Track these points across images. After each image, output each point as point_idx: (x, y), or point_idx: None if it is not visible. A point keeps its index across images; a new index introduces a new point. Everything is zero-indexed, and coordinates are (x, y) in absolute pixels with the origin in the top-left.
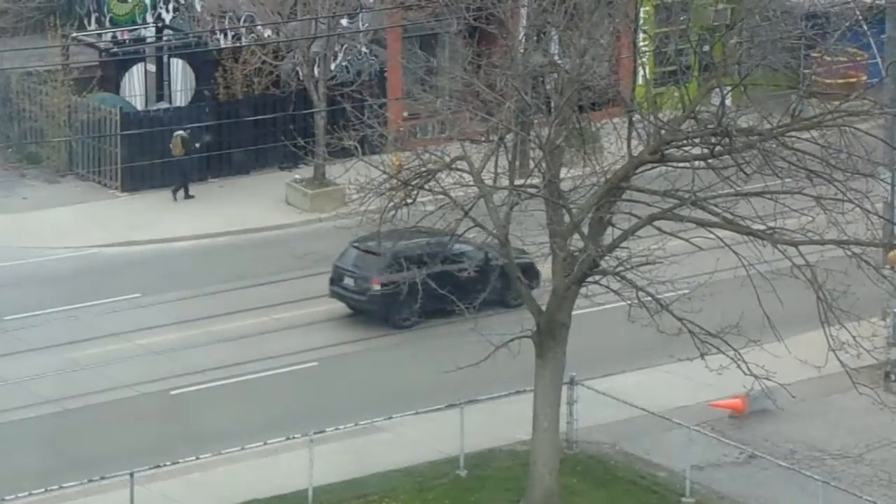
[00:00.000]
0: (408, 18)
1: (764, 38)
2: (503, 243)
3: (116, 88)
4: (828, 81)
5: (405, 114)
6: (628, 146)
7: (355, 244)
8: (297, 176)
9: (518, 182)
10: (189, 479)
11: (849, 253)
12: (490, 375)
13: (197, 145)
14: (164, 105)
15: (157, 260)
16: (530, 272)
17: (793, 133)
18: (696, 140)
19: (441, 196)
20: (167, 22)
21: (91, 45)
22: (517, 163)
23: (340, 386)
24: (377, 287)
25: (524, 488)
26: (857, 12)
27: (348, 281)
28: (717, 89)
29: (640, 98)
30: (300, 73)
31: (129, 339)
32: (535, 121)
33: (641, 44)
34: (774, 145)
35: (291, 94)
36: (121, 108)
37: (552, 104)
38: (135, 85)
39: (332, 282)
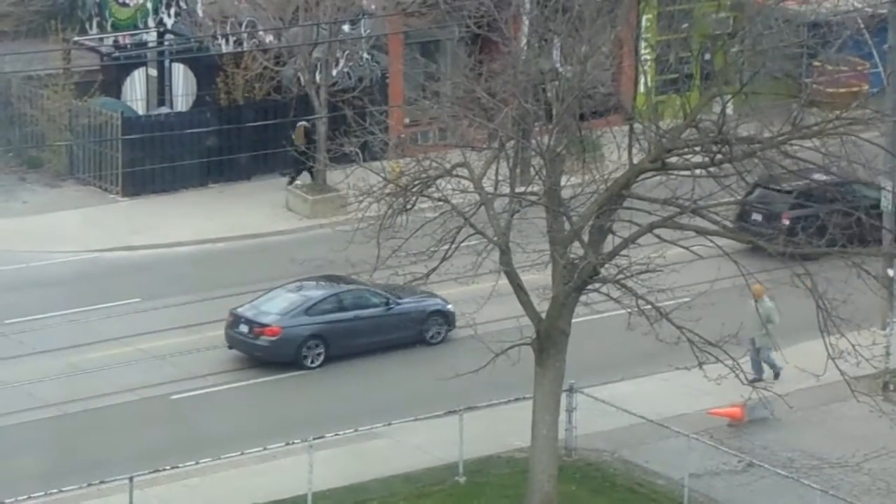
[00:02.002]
0: (409, 25)
1: (765, 46)
2: (504, 251)
3: (118, 93)
4: (829, 90)
5: (406, 120)
6: (629, 154)
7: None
8: (298, 182)
9: (518, 189)
10: (188, 484)
11: (849, 262)
12: (489, 382)
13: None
14: (165, 110)
15: (158, 264)
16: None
17: (794, 142)
18: (697, 148)
19: (441, 203)
20: (169, 27)
21: (92, 49)
22: (518, 170)
23: (340, 392)
24: None
25: (523, 495)
26: (859, 21)
27: None
28: (719, 98)
29: (641, 106)
30: (301, 79)
31: (130, 343)
32: (536, 128)
33: (643, 52)
34: (775, 154)
35: (293, 99)
36: (122, 112)
37: (553, 112)
38: (136, 89)
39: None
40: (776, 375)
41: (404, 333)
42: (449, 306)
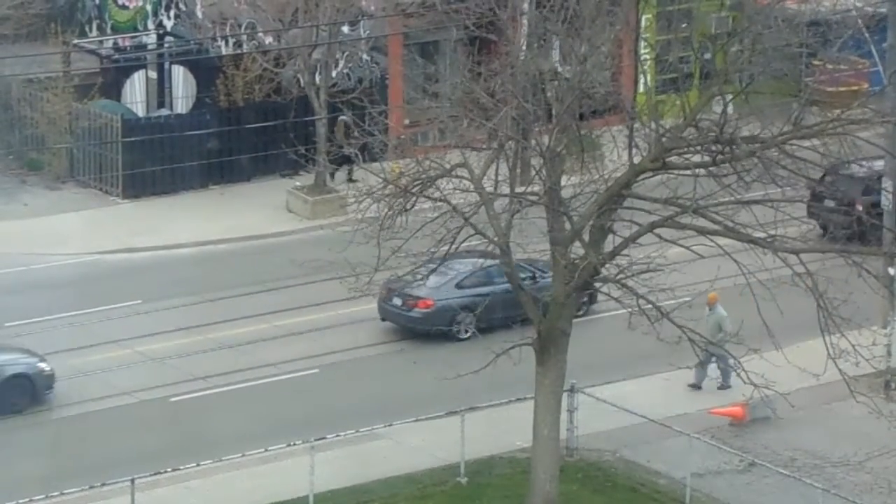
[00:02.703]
0: (409, 26)
1: (765, 45)
2: (504, 251)
3: (118, 95)
4: (829, 90)
5: (406, 121)
6: (629, 154)
7: None
8: (297, 184)
9: (519, 189)
10: (189, 486)
11: (849, 261)
12: (490, 383)
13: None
14: (165, 112)
15: (158, 267)
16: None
17: (794, 141)
18: (698, 148)
19: (441, 203)
20: (168, 29)
21: (92, 51)
22: (518, 170)
23: (341, 393)
24: None
25: (524, 495)
26: (859, 20)
27: None
28: (719, 97)
29: (641, 106)
30: (301, 81)
31: (130, 345)
32: (536, 128)
33: (642, 52)
34: (775, 153)
35: (293, 101)
36: (122, 114)
37: (553, 112)
38: (136, 92)
39: None
40: (723, 387)
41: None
42: None
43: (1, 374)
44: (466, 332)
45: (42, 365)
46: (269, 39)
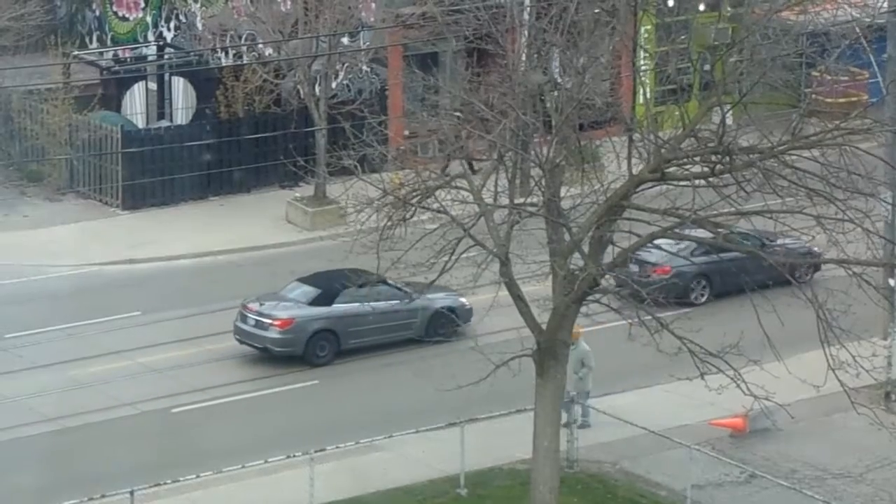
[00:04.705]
0: (408, 37)
1: (764, 56)
2: (504, 262)
3: (118, 107)
4: (828, 100)
5: (406, 132)
6: (628, 165)
7: None
8: (296, 194)
9: (518, 200)
10: (190, 498)
11: (849, 272)
12: (490, 394)
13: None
14: (165, 123)
15: (158, 278)
16: None
17: (793, 152)
18: (697, 158)
19: (440, 214)
20: (168, 40)
21: (92, 63)
22: (517, 181)
23: (341, 404)
24: None
25: None
26: (858, 31)
27: None
28: (718, 108)
29: (640, 117)
30: (301, 92)
31: (130, 356)
32: (535, 139)
33: (641, 63)
34: (775, 164)
35: (292, 112)
36: (122, 126)
37: (552, 123)
38: (136, 103)
39: None
40: (582, 425)
41: None
42: None
43: (431, 308)
44: (700, 297)
45: (463, 300)
46: (268, 51)
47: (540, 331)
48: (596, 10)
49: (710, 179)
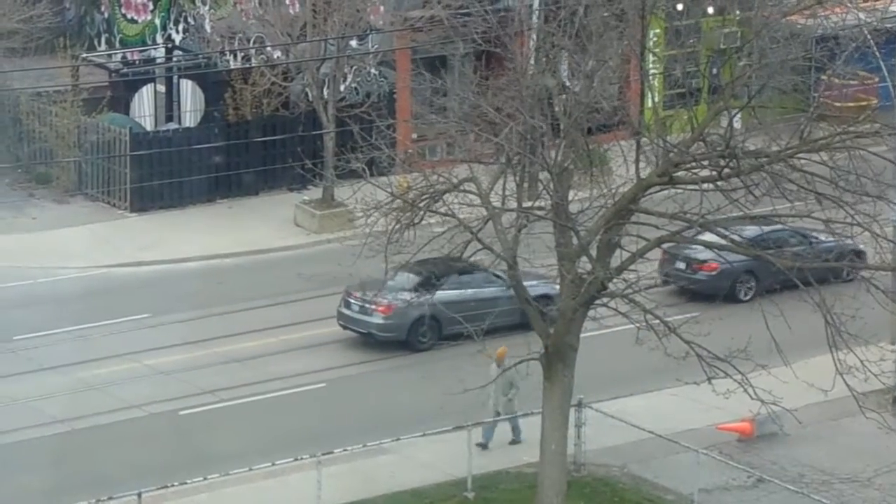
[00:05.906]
0: (417, 40)
1: (772, 60)
2: (511, 266)
3: (126, 109)
4: (837, 104)
5: (414, 135)
6: (636, 168)
7: None
8: (304, 198)
9: (526, 204)
10: (197, 500)
11: (858, 276)
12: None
13: None
14: (173, 126)
15: (166, 280)
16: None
17: (802, 155)
18: (705, 162)
19: (449, 217)
20: (177, 43)
21: (101, 65)
22: (525, 185)
23: (348, 407)
24: None
25: None
26: (867, 35)
27: None
28: (726, 111)
29: (648, 120)
30: (309, 95)
31: (138, 359)
32: (543, 143)
33: (650, 67)
34: (783, 168)
35: (301, 115)
36: (130, 128)
37: (560, 126)
38: (144, 106)
39: None
40: (514, 442)
41: None
42: None
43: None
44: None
45: (557, 288)
46: (277, 54)
47: (548, 334)
48: (605, 14)
49: (719, 183)
